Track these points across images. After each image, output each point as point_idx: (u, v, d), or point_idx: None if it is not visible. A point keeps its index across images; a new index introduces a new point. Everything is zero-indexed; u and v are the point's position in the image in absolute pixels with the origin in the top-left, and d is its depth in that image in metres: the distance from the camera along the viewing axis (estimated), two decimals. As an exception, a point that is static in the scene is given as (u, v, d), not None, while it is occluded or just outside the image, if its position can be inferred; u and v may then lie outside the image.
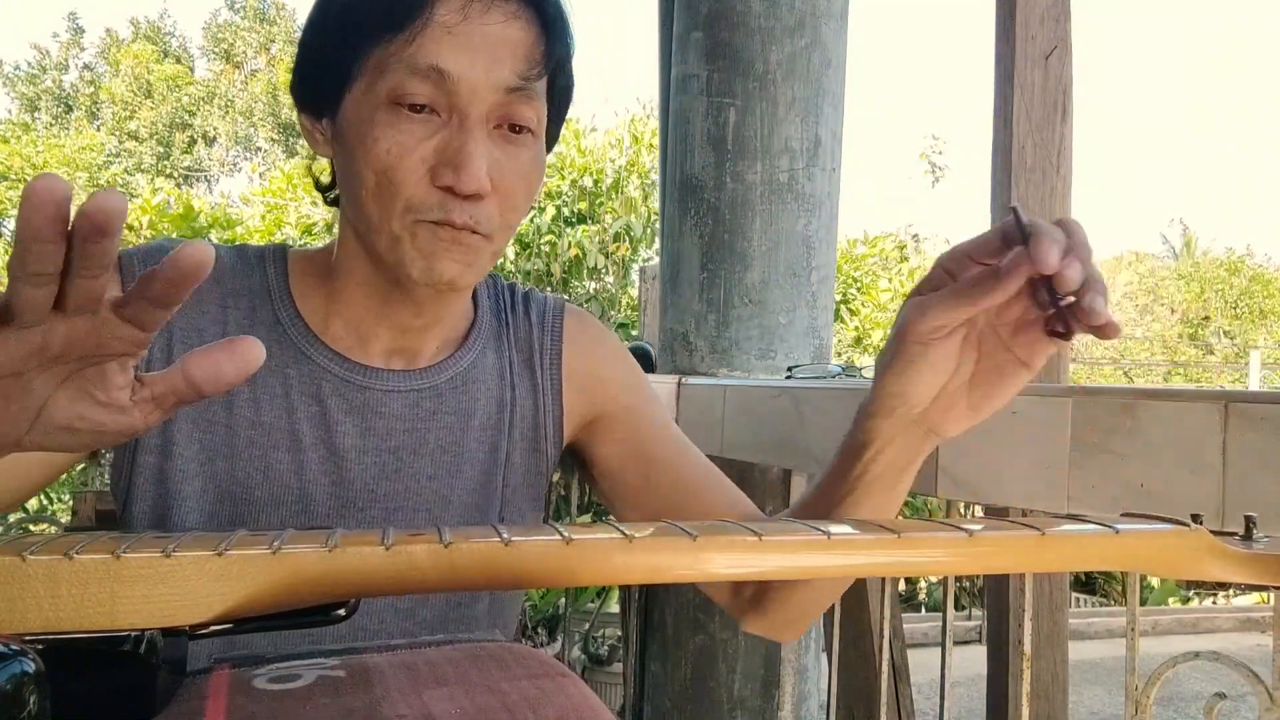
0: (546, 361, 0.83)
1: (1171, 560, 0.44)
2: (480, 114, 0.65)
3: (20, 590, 0.34)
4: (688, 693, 1.38)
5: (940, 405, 0.60)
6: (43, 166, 14.92)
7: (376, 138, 0.64)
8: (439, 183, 0.65)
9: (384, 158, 0.64)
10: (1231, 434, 0.62)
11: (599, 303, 7.46)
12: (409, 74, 0.64)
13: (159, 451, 0.70)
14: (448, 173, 0.64)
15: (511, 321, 0.83)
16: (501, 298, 0.85)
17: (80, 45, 23.02)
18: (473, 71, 0.64)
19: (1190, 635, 6.01)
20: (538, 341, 0.83)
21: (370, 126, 0.65)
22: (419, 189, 0.65)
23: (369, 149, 0.65)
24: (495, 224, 0.68)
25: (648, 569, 0.38)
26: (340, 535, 0.37)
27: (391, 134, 0.64)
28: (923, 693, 3.38)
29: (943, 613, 1.04)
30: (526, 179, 0.69)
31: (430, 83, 0.64)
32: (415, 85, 0.64)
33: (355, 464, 0.73)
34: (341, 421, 0.73)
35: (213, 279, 0.73)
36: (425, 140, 0.65)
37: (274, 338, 0.73)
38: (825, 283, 1.44)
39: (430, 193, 0.65)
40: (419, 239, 0.66)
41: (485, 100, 0.65)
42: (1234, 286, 17.16)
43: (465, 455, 0.77)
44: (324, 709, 0.44)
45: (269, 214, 8.88)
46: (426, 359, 0.77)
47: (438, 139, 0.65)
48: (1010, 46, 1.96)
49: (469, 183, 0.64)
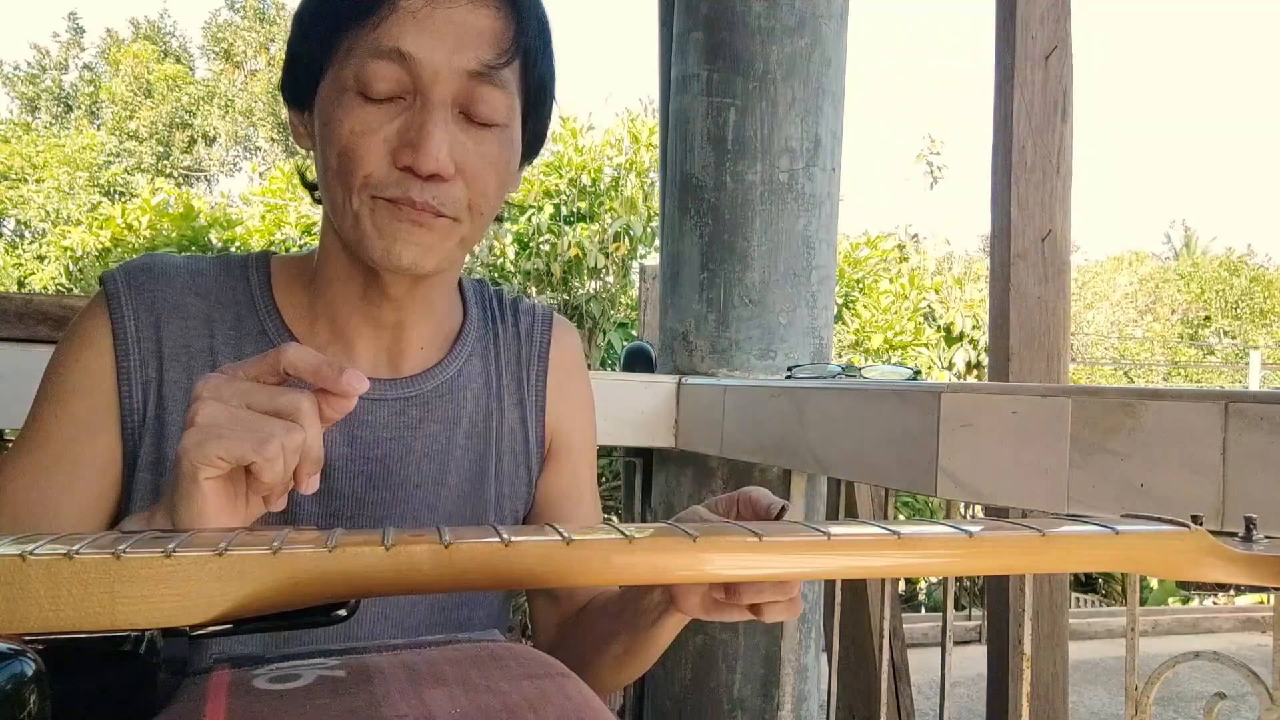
0: (533, 378, 0.85)
1: (1171, 561, 0.44)
2: (442, 97, 0.65)
3: (20, 590, 0.34)
4: (688, 693, 1.38)
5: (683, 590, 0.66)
6: (43, 166, 14.91)
7: (340, 119, 0.65)
8: (399, 163, 0.65)
9: (346, 138, 0.65)
10: (1231, 434, 0.62)
11: (599, 302, 7.46)
12: (373, 57, 0.64)
13: (153, 469, 0.71)
14: (407, 152, 0.64)
15: (500, 331, 0.84)
16: (490, 305, 0.85)
17: (80, 45, 23.01)
18: (435, 55, 0.64)
19: (1190, 635, 6.02)
20: (525, 357, 0.85)
21: (335, 109, 0.65)
22: (379, 167, 0.65)
23: (333, 130, 0.65)
24: (460, 207, 0.67)
25: (648, 569, 0.38)
26: (340, 535, 0.37)
27: (355, 114, 0.65)
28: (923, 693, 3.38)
29: (943, 613, 1.04)
30: (496, 167, 0.69)
31: (394, 65, 0.64)
32: (379, 68, 0.64)
33: (342, 473, 0.73)
34: (328, 431, 0.73)
35: (196, 293, 0.74)
36: (388, 123, 0.65)
37: (260, 347, 0.73)
38: (825, 283, 1.44)
39: (390, 172, 0.65)
40: (377, 216, 0.66)
41: (447, 84, 0.65)
42: (1234, 287, 17.15)
43: (451, 463, 0.78)
44: (324, 709, 0.44)
45: (269, 214, 8.87)
46: (412, 365, 0.77)
47: (400, 120, 0.65)
48: (1010, 46, 1.95)
49: (426, 161, 0.64)
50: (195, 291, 0.74)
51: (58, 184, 14.53)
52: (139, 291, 0.73)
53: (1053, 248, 1.96)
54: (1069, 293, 2.05)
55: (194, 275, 0.75)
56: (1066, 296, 2.02)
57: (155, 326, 0.72)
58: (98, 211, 12.02)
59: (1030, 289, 1.95)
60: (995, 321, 2.00)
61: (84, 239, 9.48)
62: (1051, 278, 1.97)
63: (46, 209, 14.09)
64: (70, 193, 14.57)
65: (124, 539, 0.36)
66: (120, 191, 15.83)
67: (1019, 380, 1.93)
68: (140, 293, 0.73)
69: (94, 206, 13.66)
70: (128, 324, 0.72)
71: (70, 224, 12.04)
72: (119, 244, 9.24)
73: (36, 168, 14.93)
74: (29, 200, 14.28)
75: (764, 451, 1.16)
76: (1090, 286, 17.65)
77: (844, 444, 0.99)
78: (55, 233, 11.05)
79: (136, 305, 0.72)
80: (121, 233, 9.28)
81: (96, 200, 14.43)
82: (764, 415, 1.15)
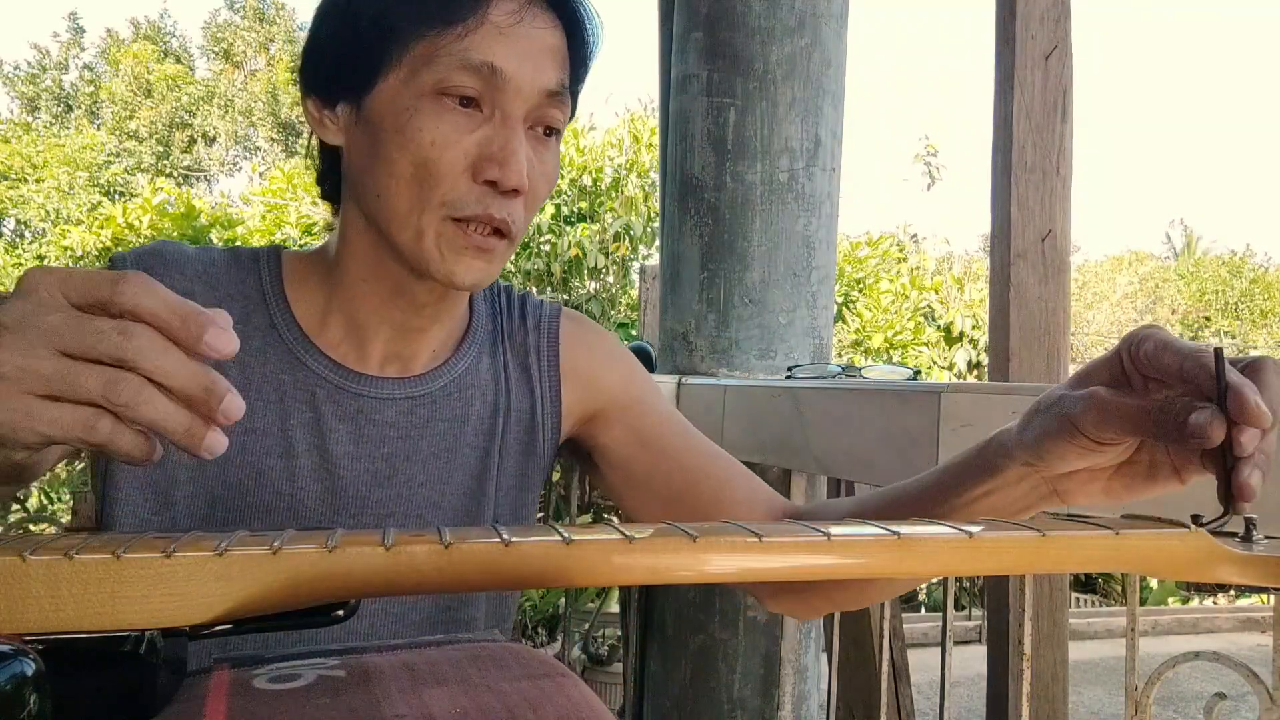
0: (543, 363, 0.83)
1: (1171, 562, 0.44)
2: (522, 114, 0.67)
3: (20, 590, 0.34)
4: (688, 693, 1.38)
5: (1079, 478, 0.56)
6: (43, 166, 14.92)
7: (420, 127, 0.65)
8: (481, 178, 0.65)
9: (427, 148, 0.65)
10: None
11: (599, 302, 7.46)
12: (460, 68, 0.64)
13: None
14: (493, 168, 0.65)
15: (507, 326, 0.83)
16: (497, 301, 0.84)
17: (80, 45, 23.02)
18: (521, 72, 0.65)
19: (1190, 635, 6.02)
20: (534, 345, 0.83)
21: (413, 115, 0.65)
22: (459, 183, 0.65)
23: (410, 138, 0.65)
24: (521, 223, 0.69)
25: (648, 569, 0.38)
26: (340, 535, 0.37)
27: (435, 124, 0.65)
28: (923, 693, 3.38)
29: (943, 613, 1.04)
30: (549, 180, 0.71)
31: (480, 79, 0.65)
32: (465, 79, 0.64)
33: (348, 471, 0.73)
34: (335, 429, 0.73)
35: (206, 283, 0.73)
36: (468, 134, 0.65)
37: (269, 343, 0.72)
38: (825, 283, 1.44)
39: (470, 188, 0.66)
40: (445, 237, 0.66)
41: (529, 101, 0.66)
42: (1234, 288, 17.15)
43: (457, 461, 0.77)
44: (324, 709, 0.44)
45: (269, 214, 8.88)
46: (421, 365, 0.77)
47: (480, 134, 0.66)
48: (1010, 46, 1.96)
49: (513, 178, 0.65)
50: (206, 282, 0.73)
51: (58, 184, 14.53)
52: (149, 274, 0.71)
53: (1053, 248, 1.97)
54: (1069, 293, 2.05)
55: (206, 265, 0.74)
56: (1066, 296, 2.02)
57: None
58: (98, 211, 12.02)
59: (1030, 289, 1.95)
60: (995, 321, 2.00)
61: (84, 239, 9.49)
62: (1051, 278, 1.97)
63: (46, 209, 14.09)
64: (70, 193, 14.57)
65: (124, 539, 0.36)
66: (120, 191, 15.83)
67: (1019, 380, 1.93)
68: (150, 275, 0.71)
69: (94, 206, 13.66)
70: None
71: (70, 224, 12.04)
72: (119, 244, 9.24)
73: (36, 168, 14.94)
74: (29, 200, 14.29)
75: (764, 451, 1.16)
76: (1090, 286, 17.65)
77: (844, 444, 0.99)
78: (55, 232, 11.04)
79: None
80: (122, 232, 9.28)
81: (96, 200, 14.43)
82: (764, 415, 1.15)
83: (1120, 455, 0.55)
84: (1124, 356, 0.52)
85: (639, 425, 0.82)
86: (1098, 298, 16.67)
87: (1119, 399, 0.51)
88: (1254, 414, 0.46)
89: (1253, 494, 0.47)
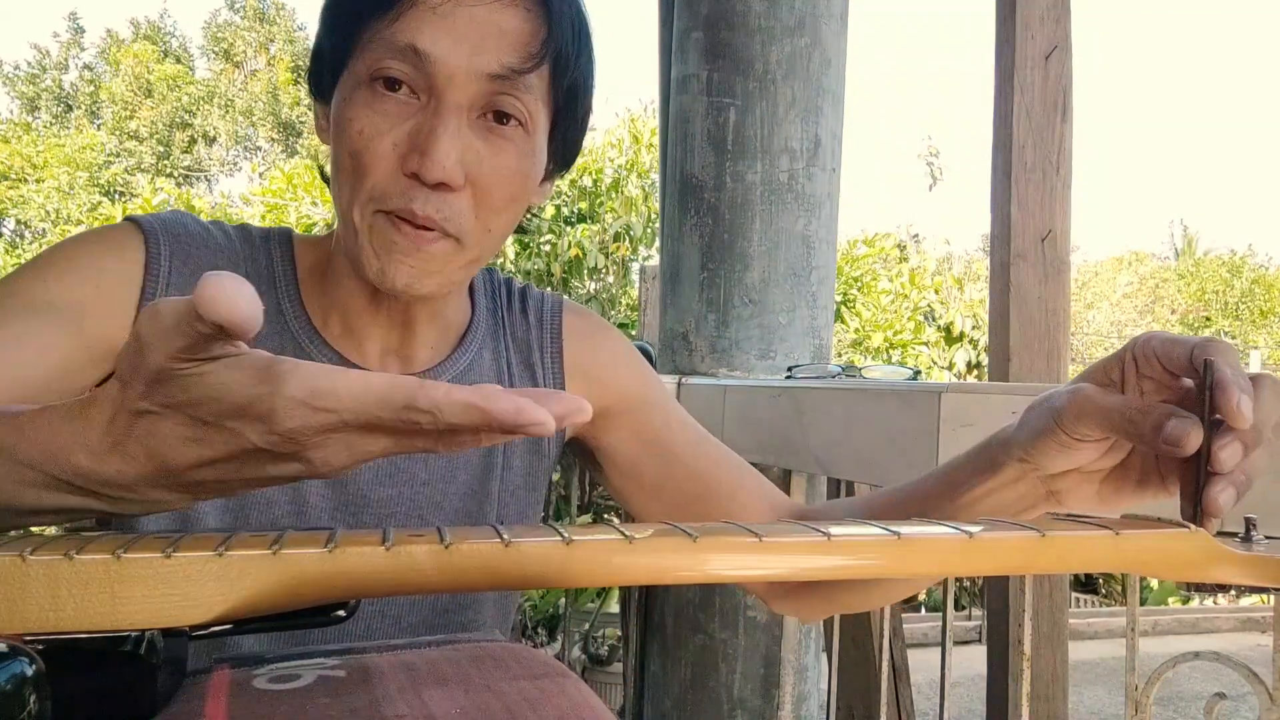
0: (547, 359, 0.82)
1: (1171, 562, 0.44)
2: (457, 100, 0.62)
3: (20, 590, 0.34)
4: (688, 693, 1.38)
5: (1072, 479, 0.56)
6: (43, 166, 14.91)
7: (351, 117, 0.63)
8: (406, 169, 0.62)
9: (355, 138, 0.62)
10: (1231, 434, 0.62)
11: (599, 303, 7.46)
12: (387, 52, 0.61)
13: None
14: (414, 158, 0.61)
15: (509, 320, 0.82)
16: (499, 295, 0.83)
17: (80, 45, 23.01)
18: (452, 55, 0.61)
19: (1190, 635, 6.02)
20: (536, 339, 0.82)
21: (348, 106, 0.63)
22: (385, 174, 0.62)
23: (343, 129, 0.63)
24: (466, 224, 0.64)
25: (648, 570, 0.38)
26: (341, 535, 0.37)
27: (366, 113, 0.62)
28: (923, 693, 3.38)
29: (943, 613, 1.04)
30: (510, 178, 0.65)
31: (406, 62, 0.61)
32: (392, 63, 0.61)
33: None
34: None
35: (229, 260, 0.72)
36: (399, 123, 0.62)
37: (276, 329, 0.71)
38: (825, 283, 1.44)
39: (395, 180, 0.62)
40: (376, 232, 0.63)
41: (464, 87, 0.62)
42: (1234, 288, 17.15)
43: (460, 460, 0.77)
44: (324, 709, 0.44)
45: (269, 214, 8.87)
46: (422, 361, 0.76)
47: (411, 123, 0.62)
48: (1010, 46, 1.95)
49: (433, 169, 0.60)
50: (229, 258, 0.72)
51: (58, 184, 14.53)
52: (176, 240, 0.69)
53: (1053, 248, 1.96)
54: (1069, 293, 2.05)
55: (225, 242, 0.73)
56: (1066, 296, 2.02)
57: (189, 279, 0.67)
58: (98, 211, 12.01)
59: (1030, 289, 1.95)
60: (995, 321, 2.00)
61: (84, 239, 9.46)
62: (1051, 278, 1.97)
63: (46, 209, 14.08)
64: (70, 193, 14.56)
65: (124, 539, 0.36)
66: (120, 191, 15.82)
67: (1019, 380, 1.93)
68: (178, 241, 0.69)
69: (94, 206, 13.65)
70: (162, 263, 0.68)
71: (70, 224, 12.04)
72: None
73: (36, 168, 14.93)
74: (29, 200, 14.28)
75: (764, 451, 1.16)
76: (1090, 286, 17.64)
77: (844, 444, 0.99)
78: (55, 233, 11.05)
79: (173, 250, 0.69)
80: (121, 233, 9.27)
81: (96, 200, 14.42)
82: (764, 415, 1.15)
83: (1109, 459, 0.55)
84: (1128, 356, 0.52)
85: (647, 426, 0.81)
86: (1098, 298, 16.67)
87: (1100, 396, 0.51)
88: (1234, 413, 0.45)
89: (1220, 511, 0.46)
